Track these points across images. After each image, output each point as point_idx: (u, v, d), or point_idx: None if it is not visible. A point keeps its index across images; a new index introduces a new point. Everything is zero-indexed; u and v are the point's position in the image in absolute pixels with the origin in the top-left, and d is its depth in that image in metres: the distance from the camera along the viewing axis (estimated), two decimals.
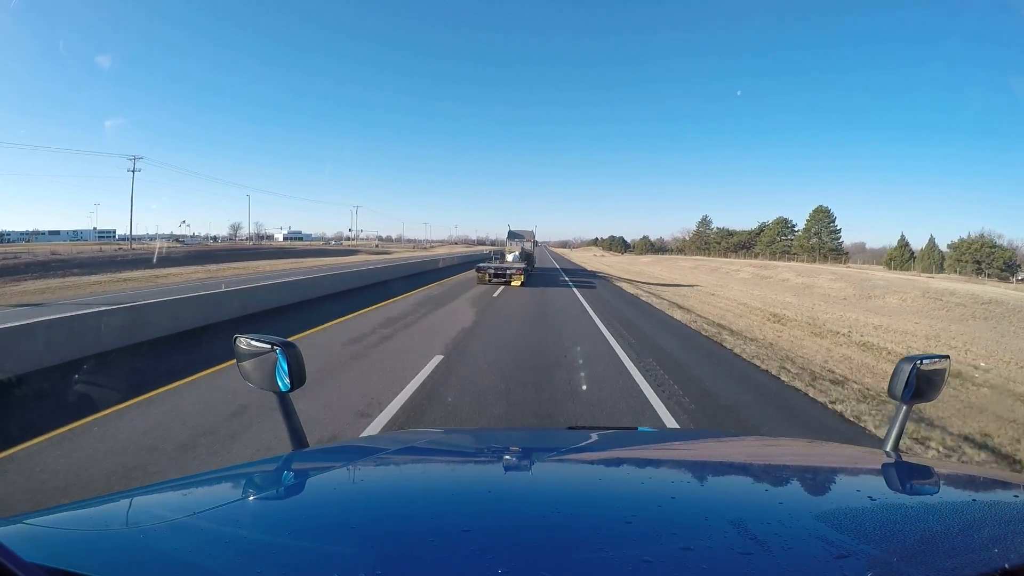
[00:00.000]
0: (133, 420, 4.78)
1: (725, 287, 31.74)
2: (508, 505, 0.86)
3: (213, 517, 0.76)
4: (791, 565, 0.61)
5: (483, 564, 0.60)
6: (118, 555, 0.64)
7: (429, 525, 0.74)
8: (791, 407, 5.88)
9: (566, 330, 10.28)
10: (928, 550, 0.65)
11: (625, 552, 0.64)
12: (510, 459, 1.22)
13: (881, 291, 27.64)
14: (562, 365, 7.19)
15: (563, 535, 0.70)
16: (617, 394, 5.92)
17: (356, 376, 6.41)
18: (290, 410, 1.23)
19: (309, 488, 0.98)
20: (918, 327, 18.61)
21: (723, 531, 0.69)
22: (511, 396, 5.67)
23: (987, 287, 31.62)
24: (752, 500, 0.88)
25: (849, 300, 26.56)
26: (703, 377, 7.00)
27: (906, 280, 32.92)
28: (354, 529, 0.74)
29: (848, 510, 0.80)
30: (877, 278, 33.54)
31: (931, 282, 32.08)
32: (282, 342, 1.20)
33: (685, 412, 5.34)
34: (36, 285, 19.61)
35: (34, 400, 5.41)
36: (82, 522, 0.76)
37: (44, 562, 0.55)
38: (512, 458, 1.22)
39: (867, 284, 30.02)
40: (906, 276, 40.61)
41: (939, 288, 27.38)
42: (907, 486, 1.01)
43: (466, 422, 4.87)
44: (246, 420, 4.75)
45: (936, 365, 1.24)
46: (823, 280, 33.02)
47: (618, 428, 2.68)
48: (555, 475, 1.08)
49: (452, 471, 1.15)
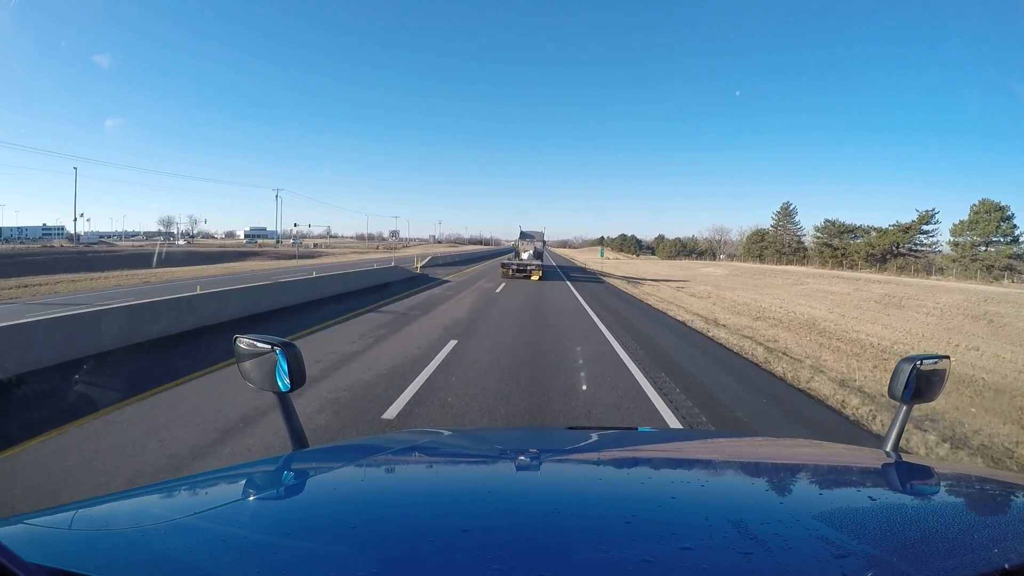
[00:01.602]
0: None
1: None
2: (508, 505, 0.86)
3: (213, 517, 0.76)
4: (791, 565, 0.61)
5: (483, 564, 0.60)
6: (118, 555, 0.64)
7: (429, 525, 0.74)
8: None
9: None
10: (928, 550, 0.65)
11: (625, 552, 0.64)
12: (510, 459, 1.22)
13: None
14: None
15: (563, 535, 0.70)
16: None
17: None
18: (290, 410, 1.24)
19: (309, 488, 0.98)
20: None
21: (723, 531, 0.69)
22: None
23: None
24: (752, 500, 0.88)
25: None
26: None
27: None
28: (354, 529, 0.74)
29: (848, 510, 0.80)
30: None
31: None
32: (282, 342, 1.20)
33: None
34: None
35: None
36: (82, 522, 0.76)
37: (44, 562, 0.55)
38: (512, 458, 1.22)
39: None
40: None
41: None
42: (907, 486, 1.01)
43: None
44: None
45: (936, 365, 1.25)
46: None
47: (618, 428, 2.68)
48: (555, 475, 1.08)
49: (452, 471, 1.15)
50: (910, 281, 38.09)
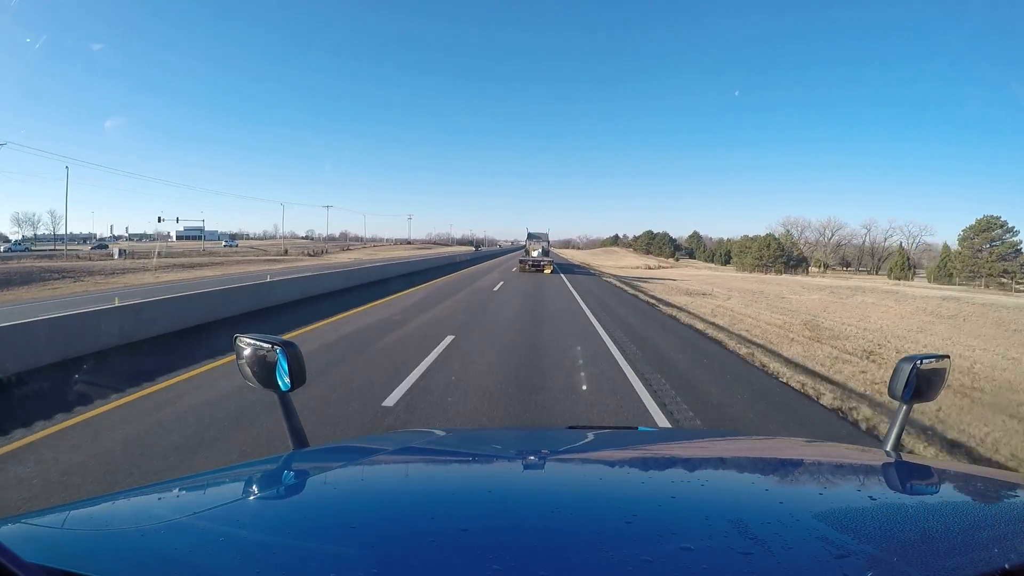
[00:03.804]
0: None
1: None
2: (508, 505, 0.86)
3: (213, 517, 0.76)
4: (791, 565, 0.61)
5: (482, 564, 0.60)
6: (118, 555, 0.64)
7: (428, 525, 0.74)
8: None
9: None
10: (928, 549, 0.65)
11: (625, 552, 0.64)
12: (510, 459, 1.22)
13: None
14: None
15: (563, 535, 0.70)
16: None
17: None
18: (290, 410, 1.24)
19: (309, 488, 0.98)
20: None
21: (723, 531, 0.69)
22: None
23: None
24: (752, 500, 0.88)
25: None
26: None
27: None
28: (353, 529, 0.74)
29: (848, 510, 0.80)
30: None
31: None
32: (282, 341, 1.20)
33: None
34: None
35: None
36: (82, 522, 0.76)
37: (44, 562, 0.55)
38: (512, 458, 1.23)
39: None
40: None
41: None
42: (907, 486, 1.01)
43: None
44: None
45: (936, 365, 1.25)
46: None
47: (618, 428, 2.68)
48: (554, 475, 1.08)
49: (451, 471, 1.15)
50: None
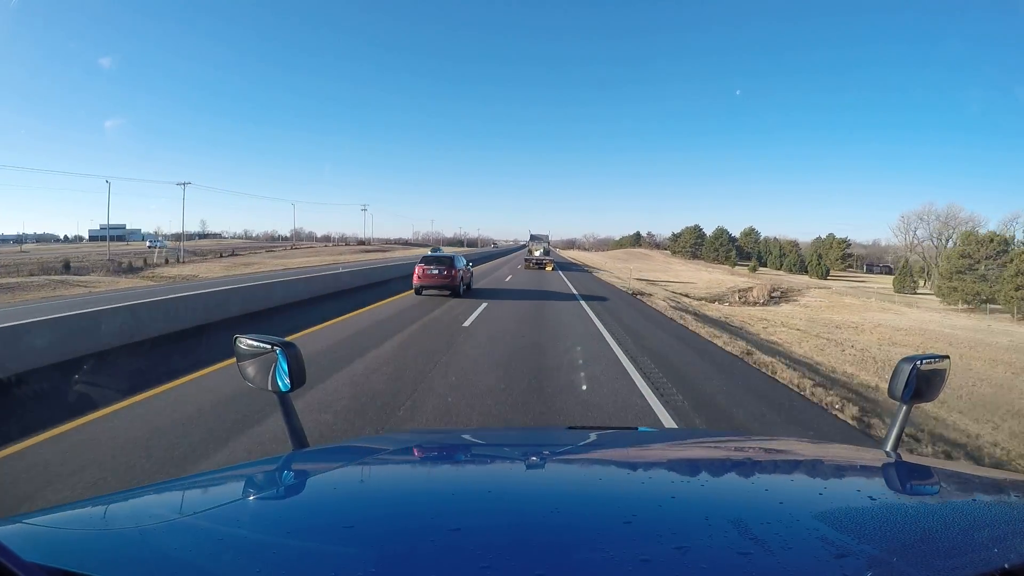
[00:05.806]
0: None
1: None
2: (507, 505, 0.86)
3: (213, 517, 0.76)
4: (791, 564, 0.61)
5: (482, 564, 0.60)
6: (118, 555, 0.64)
7: (428, 525, 0.74)
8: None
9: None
10: (928, 550, 0.65)
11: (625, 552, 0.64)
12: (509, 459, 1.22)
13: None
14: None
15: (562, 535, 0.70)
16: None
17: None
18: (290, 410, 1.24)
19: (309, 488, 0.98)
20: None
21: (723, 531, 0.69)
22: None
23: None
24: (752, 500, 0.88)
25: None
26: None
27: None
28: (353, 529, 0.74)
29: (848, 510, 0.80)
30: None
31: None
32: (282, 342, 1.20)
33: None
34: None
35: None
36: (82, 522, 0.76)
37: (44, 562, 0.55)
38: (511, 458, 1.23)
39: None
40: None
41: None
42: (907, 486, 1.01)
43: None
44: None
45: (936, 365, 1.24)
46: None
47: (618, 428, 2.68)
48: (554, 475, 1.08)
49: (451, 471, 1.16)
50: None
